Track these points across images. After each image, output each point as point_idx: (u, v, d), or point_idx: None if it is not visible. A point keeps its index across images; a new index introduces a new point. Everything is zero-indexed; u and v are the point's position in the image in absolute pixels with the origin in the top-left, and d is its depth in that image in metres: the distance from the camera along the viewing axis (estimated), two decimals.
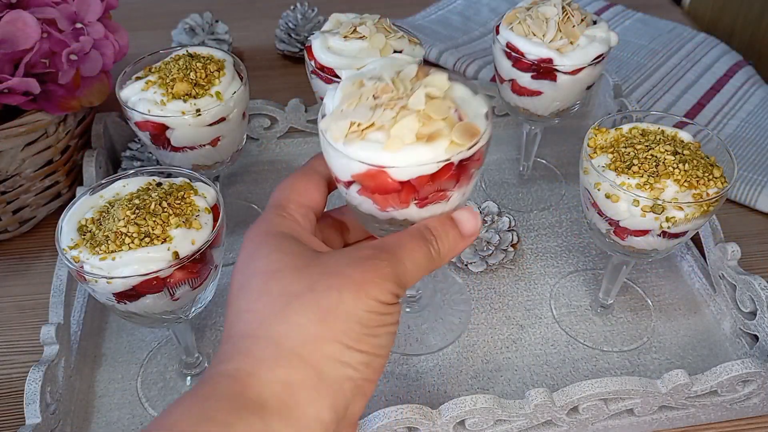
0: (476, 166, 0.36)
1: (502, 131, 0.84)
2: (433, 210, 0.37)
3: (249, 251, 0.35)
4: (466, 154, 0.34)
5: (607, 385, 0.48)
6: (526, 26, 0.60)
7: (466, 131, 0.34)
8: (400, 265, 0.34)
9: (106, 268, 0.42)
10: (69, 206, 0.46)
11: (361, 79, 0.36)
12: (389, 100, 0.34)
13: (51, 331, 0.52)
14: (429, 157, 0.33)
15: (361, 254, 0.34)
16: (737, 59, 0.97)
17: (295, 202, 0.38)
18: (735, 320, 0.59)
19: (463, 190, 0.37)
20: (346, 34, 0.59)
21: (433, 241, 0.36)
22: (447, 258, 0.37)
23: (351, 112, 0.34)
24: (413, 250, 0.35)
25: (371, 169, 0.34)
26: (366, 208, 0.37)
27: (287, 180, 0.39)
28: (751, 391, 0.52)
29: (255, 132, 0.78)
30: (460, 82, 0.37)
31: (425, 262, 0.36)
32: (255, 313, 0.33)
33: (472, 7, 1.08)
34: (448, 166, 0.34)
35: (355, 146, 0.33)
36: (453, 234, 0.37)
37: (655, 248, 0.51)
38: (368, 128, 0.34)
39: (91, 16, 0.64)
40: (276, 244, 0.35)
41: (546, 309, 0.63)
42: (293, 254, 0.34)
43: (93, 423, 0.54)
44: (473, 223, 0.38)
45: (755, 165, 0.78)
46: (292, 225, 0.36)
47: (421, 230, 0.36)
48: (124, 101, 0.56)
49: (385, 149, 0.33)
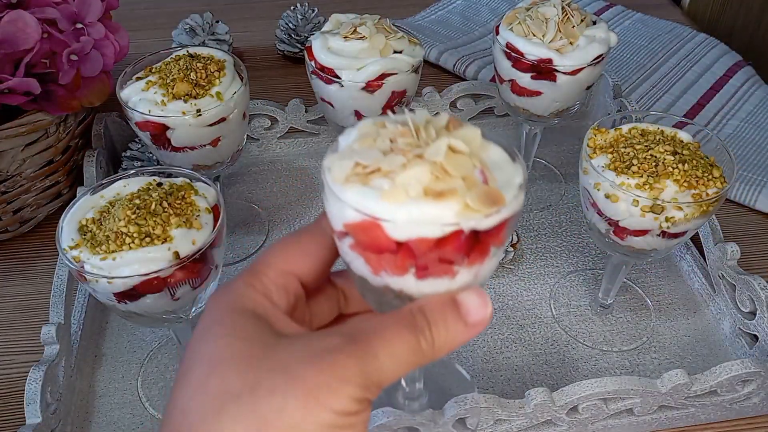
0: (496, 243, 0.30)
1: (502, 131, 0.84)
2: (434, 285, 0.30)
3: (203, 327, 0.30)
4: (481, 224, 0.28)
5: (606, 384, 0.48)
6: (526, 26, 0.60)
7: (486, 196, 0.28)
8: (372, 361, 0.28)
9: (106, 268, 0.42)
10: (69, 206, 0.46)
11: (383, 121, 0.31)
12: (405, 146, 0.29)
13: (51, 331, 0.52)
14: (433, 216, 0.27)
15: (323, 345, 0.28)
16: (737, 59, 0.97)
17: (276, 269, 0.32)
18: (734, 320, 0.59)
19: (474, 270, 0.30)
20: (346, 35, 0.59)
21: (425, 329, 0.29)
22: (442, 352, 0.30)
23: (360, 152, 0.30)
24: (394, 340, 0.28)
25: (365, 220, 0.28)
26: (357, 268, 0.32)
27: (282, 240, 0.34)
28: (750, 391, 0.52)
29: (255, 132, 0.78)
30: (500, 145, 0.32)
31: (410, 357, 0.29)
32: (187, 414, 0.28)
33: (471, 7, 1.08)
34: (456, 234, 0.28)
35: (352, 190, 0.28)
36: (453, 321, 0.30)
37: (654, 248, 0.51)
38: (373, 173, 0.29)
39: (92, 16, 0.64)
40: (230, 325, 0.29)
41: (546, 309, 0.63)
42: (246, 340, 0.29)
43: (93, 423, 0.54)
44: (482, 310, 0.30)
45: (755, 165, 0.78)
46: (259, 299, 0.31)
47: (411, 314, 0.30)
48: (125, 101, 0.56)
49: (383, 199, 0.28)
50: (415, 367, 0.30)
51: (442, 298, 0.30)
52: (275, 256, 0.33)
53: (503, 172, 0.30)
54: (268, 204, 0.74)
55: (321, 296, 0.36)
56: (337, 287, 0.36)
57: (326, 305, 0.36)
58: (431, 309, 0.30)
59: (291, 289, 0.32)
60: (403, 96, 0.62)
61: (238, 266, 0.67)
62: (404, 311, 0.30)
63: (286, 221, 0.72)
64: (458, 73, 0.93)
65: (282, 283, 0.32)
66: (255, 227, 0.71)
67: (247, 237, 0.70)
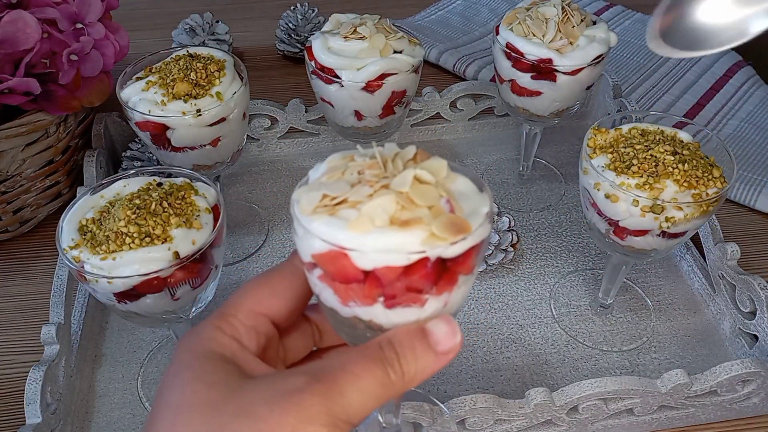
0: (464, 271, 0.30)
1: (502, 131, 0.84)
2: (404, 315, 0.30)
3: (172, 372, 0.30)
4: (447, 252, 0.28)
5: (606, 384, 0.48)
6: (526, 26, 0.60)
7: (451, 224, 0.28)
8: (339, 398, 0.27)
9: (106, 268, 0.42)
10: (69, 206, 0.46)
11: (352, 155, 0.32)
12: (372, 177, 0.30)
13: (51, 331, 0.52)
14: (399, 244, 0.28)
15: (288, 385, 0.28)
16: (737, 59, 0.97)
17: (245, 311, 0.32)
18: (734, 320, 0.59)
19: (443, 298, 0.30)
20: (346, 35, 0.59)
21: (394, 362, 0.29)
22: (413, 383, 0.30)
23: (327, 184, 0.30)
24: (362, 375, 0.28)
25: (332, 250, 0.28)
26: (327, 299, 0.32)
27: (252, 280, 0.34)
28: (750, 390, 0.52)
29: (255, 132, 0.78)
30: (467, 176, 0.32)
31: (379, 390, 0.29)
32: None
33: (471, 7, 1.09)
34: (422, 262, 0.28)
35: (319, 221, 0.29)
36: (422, 351, 0.30)
37: (654, 248, 0.51)
38: (341, 204, 0.29)
39: (92, 16, 0.64)
40: (198, 370, 0.29)
41: (546, 309, 0.63)
42: (213, 385, 0.29)
43: (93, 423, 0.54)
44: (451, 338, 0.30)
45: (755, 165, 0.78)
46: (227, 342, 0.31)
47: (379, 346, 0.29)
48: (125, 101, 0.56)
49: (349, 228, 0.28)
50: (386, 401, 0.29)
51: (410, 329, 0.30)
52: (245, 298, 0.33)
53: (470, 202, 0.30)
54: (268, 204, 0.74)
55: (295, 332, 0.35)
56: (312, 322, 0.36)
57: (300, 341, 0.36)
58: (399, 340, 0.30)
59: (261, 329, 0.32)
60: (403, 96, 0.62)
61: (238, 266, 0.67)
62: (372, 344, 0.30)
63: (286, 221, 0.72)
64: (458, 73, 0.93)
65: (252, 324, 0.32)
66: (255, 227, 0.71)
67: (247, 237, 0.70)
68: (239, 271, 0.66)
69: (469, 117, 0.82)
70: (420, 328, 0.30)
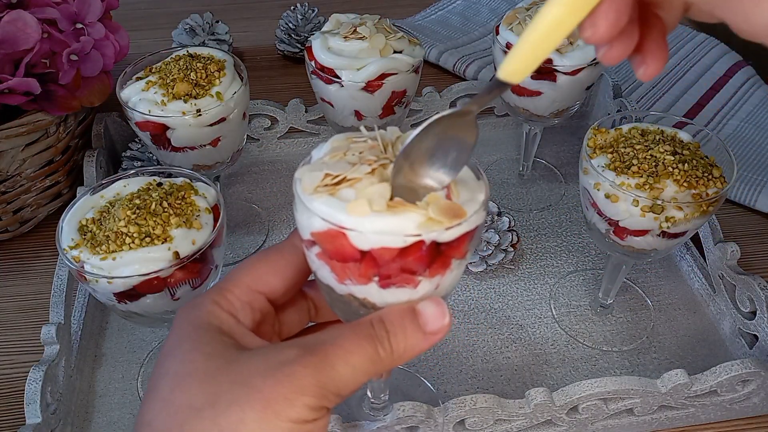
0: (457, 256, 0.31)
1: (502, 131, 0.84)
2: (397, 295, 0.31)
3: (171, 343, 0.32)
4: (442, 236, 0.29)
5: (606, 384, 0.48)
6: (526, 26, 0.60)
7: (447, 210, 0.29)
8: (329, 371, 0.29)
9: (106, 268, 0.42)
10: (69, 206, 0.46)
11: (353, 137, 0.33)
12: (372, 156, 0.31)
13: (51, 331, 0.52)
14: (396, 227, 0.29)
15: (281, 357, 0.29)
16: (737, 59, 0.97)
17: (242, 287, 0.33)
18: (734, 320, 0.59)
19: (436, 281, 0.31)
20: (346, 35, 0.59)
21: (384, 339, 0.30)
22: (401, 360, 0.31)
23: (329, 164, 0.31)
24: (352, 350, 0.29)
25: (331, 229, 0.29)
26: (324, 276, 0.33)
27: (252, 257, 0.35)
28: (750, 390, 0.52)
29: (255, 132, 0.78)
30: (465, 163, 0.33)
31: (368, 366, 0.30)
32: (153, 429, 0.29)
33: (471, 7, 1.08)
34: (418, 245, 0.29)
35: (320, 200, 0.30)
36: (412, 330, 0.31)
37: (654, 248, 0.51)
38: (341, 183, 0.30)
39: (92, 16, 0.64)
40: (196, 340, 0.31)
41: (546, 309, 0.63)
42: (210, 355, 0.30)
43: (93, 423, 0.54)
44: (440, 319, 0.31)
45: (755, 165, 0.78)
46: (224, 317, 0.32)
47: (371, 323, 0.31)
48: (125, 101, 0.56)
49: (348, 211, 0.29)
50: (374, 376, 0.31)
51: (401, 308, 0.31)
52: (243, 274, 0.34)
53: (466, 189, 0.32)
54: (268, 204, 0.74)
55: (291, 308, 0.37)
56: (308, 298, 0.38)
57: (296, 316, 0.37)
58: (390, 319, 0.31)
59: (256, 306, 0.33)
60: (403, 96, 0.62)
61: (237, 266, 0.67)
62: (363, 321, 0.31)
63: (286, 221, 0.72)
64: (458, 73, 0.93)
65: (248, 300, 0.33)
66: (255, 227, 0.71)
67: (247, 237, 0.70)
68: None
69: None
70: (411, 308, 0.31)
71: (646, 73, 0.31)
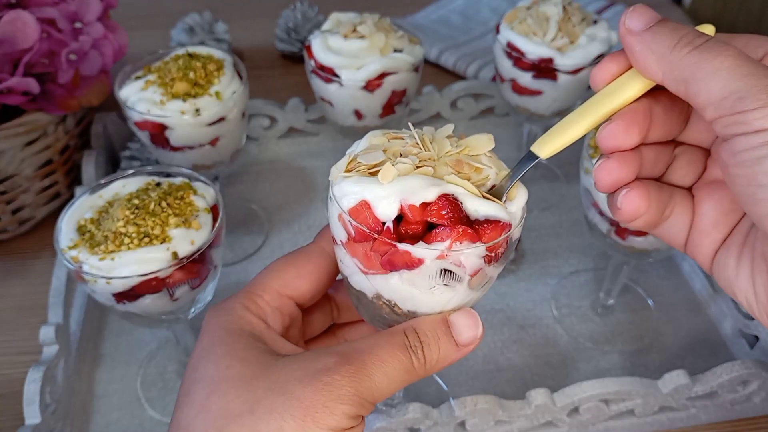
0: (497, 261, 0.31)
1: (503, 131, 0.83)
2: (425, 300, 0.31)
3: (204, 347, 0.32)
4: (468, 205, 0.30)
5: (607, 385, 0.48)
6: (527, 26, 0.60)
7: (460, 164, 0.31)
8: (366, 380, 0.29)
9: (105, 269, 0.42)
10: (68, 206, 0.46)
11: (392, 133, 0.33)
12: (410, 148, 0.31)
13: (50, 332, 0.51)
14: (418, 183, 0.29)
15: (319, 365, 0.29)
16: None
17: (272, 292, 0.34)
18: (735, 321, 0.59)
19: (466, 282, 0.31)
20: (346, 34, 0.59)
21: (418, 349, 0.30)
22: (433, 370, 0.31)
23: (364, 155, 0.31)
24: (388, 359, 0.30)
25: (358, 204, 0.29)
26: (356, 281, 0.32)
27: (279, 260, 0.35)
28: (751, 391, 0.51)
29: (255, 132, 0.78)
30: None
31: (402, 375, 0.30)
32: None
33: (472, 6, 1.08)
34: (443, 197, 0.29)
35: (349, 180, 0.30)
36: (445, 342, 0.31)
37: (656, 248, 0.51)
38: (374, 170, 0.30)
39: (91, 15, 0.64)
40: (230, 346, 0.31)
41: (547, 309, 0.63)
42: (245, 360, 0.30)
43: (92, 423, 0.54)
44: (472, 330, 0.31)
45: None
46: (255, 322, 0.32)
47: (404, 334, 0.31)
48: (124, 101, 0.56)
49: (380, 178, 0.29)
50: (406, 384, 0.31)
51: (434, 318, 0.31)
52: (272, 278, 0.34)
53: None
54: (267, 204, 0.74)
55: (317, 310, 0.37)
56: (330, 299, 0.38)
57: (320, 317, 0.37)
58: (424, 329, 0.31)
59: (286, 311, 0.34)
60: (403, 95, 0.61)
61: (237, 266, 0.67)
62: (397, 330, 0.31)
63: (285, 221, 0.72)
64: (459, 72, 0.93)
65: (277, 305, 0.33)
66: (254, 227, 0.71)
67: (247, 237, 0.70)
68: (238, 272, 0.66)
69: (469, 116, 0.82)
70: (443, 319, 0.31)
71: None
